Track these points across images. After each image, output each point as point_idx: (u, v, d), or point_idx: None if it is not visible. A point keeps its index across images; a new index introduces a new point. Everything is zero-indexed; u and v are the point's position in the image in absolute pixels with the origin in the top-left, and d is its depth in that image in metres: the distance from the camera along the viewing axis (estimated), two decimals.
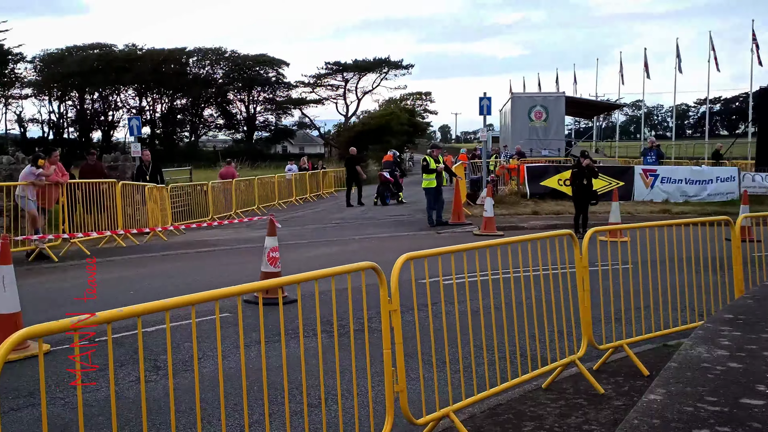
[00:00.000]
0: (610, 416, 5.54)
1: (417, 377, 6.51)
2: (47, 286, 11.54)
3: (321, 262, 13.61)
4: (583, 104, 49.47)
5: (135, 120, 24.08)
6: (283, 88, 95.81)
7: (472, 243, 5.75)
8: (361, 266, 4.69)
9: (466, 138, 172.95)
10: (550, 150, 37.90)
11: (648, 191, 25.45)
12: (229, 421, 5.61)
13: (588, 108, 52.05)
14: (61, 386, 6.56)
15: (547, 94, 42.91)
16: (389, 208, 26.98)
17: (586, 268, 6.46)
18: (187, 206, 23.26)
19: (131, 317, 3.41)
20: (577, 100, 47.92)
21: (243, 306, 4.79)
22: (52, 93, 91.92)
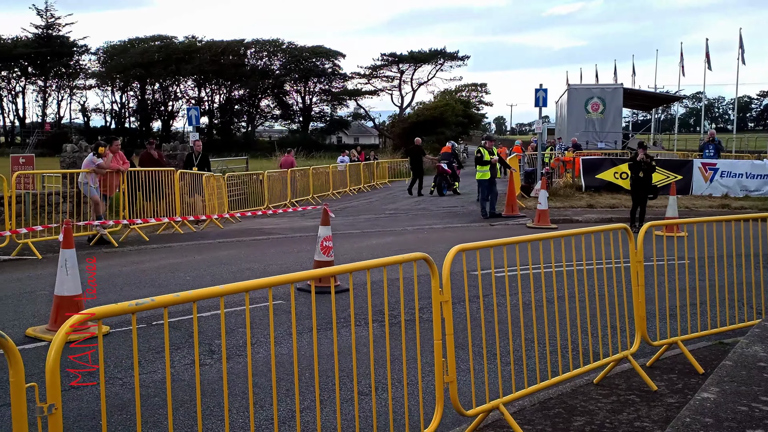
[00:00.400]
0: (663, 414, 5.48)
1: (467, 369, 6.52)
2: (107, 270, 11.82)
3: (373, 252, 13.67)
4: (642, 96, 48.66)
5: (194, 110, 24.46)
6: (339, 79, 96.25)
7: (524, 235, 5.73)
8: (413, 257, 4.72)
9: (521, 130, 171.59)
10: (606, 142, 37.39)
11: (707, 185, 24.95)
12: (280, 406, 5.69)
13: (646, 100, 51.17)
14: (120, 367, 6.74)
15: (605, 86, 42.28)
16: (443, 199, 26.93)
17: (641, 263, 6.38)
18: (243, 195, 23.56)
19: (187, 302, 3.49)
20: (635, 91, 47.17)
21: (296, 294, 4.86)
22: (115, 84, 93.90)
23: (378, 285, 8.44)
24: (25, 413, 2.85)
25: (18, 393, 2.83)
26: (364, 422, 5.35)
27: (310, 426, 5.38)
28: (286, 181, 25.60)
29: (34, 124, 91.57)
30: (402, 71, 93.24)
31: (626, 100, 42.84)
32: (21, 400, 2.84)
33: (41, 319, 8.36)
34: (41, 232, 13.89)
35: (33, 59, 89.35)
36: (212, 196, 19.59)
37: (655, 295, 7.63)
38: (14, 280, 10.95)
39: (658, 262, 6.89)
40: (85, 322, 3.12)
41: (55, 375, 2.90)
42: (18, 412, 2.83)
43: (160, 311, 8.01)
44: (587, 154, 29.02)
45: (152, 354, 7.14)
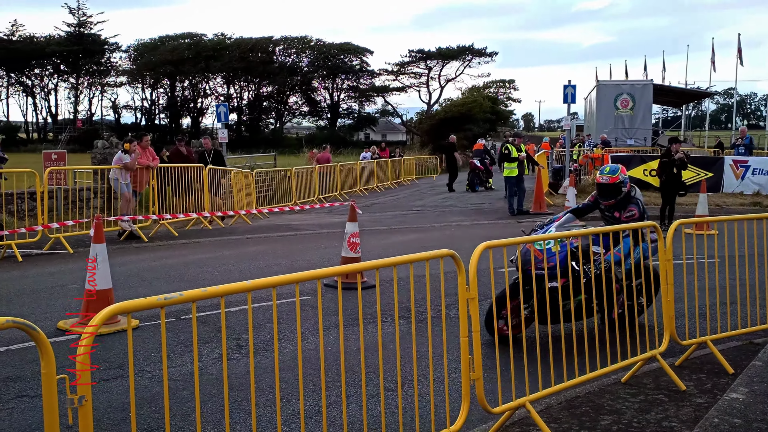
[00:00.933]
0: (691, 414, 5.44)
1: (493, 366, 6.50)
2: (137, 264, 11.94)
3: (400, 248, 13.68)
4: (672, 92, 48.14)
5: (223, 107, 24.60)
6: (367, 75, 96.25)
7: (552, 233, 5.71)
8: (440, 254, 4.72)
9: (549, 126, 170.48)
10: (635, 139, 37.07)
11: (738, 183, 24.63)
12: (307, 401, 5.73)
13: (677, 96, 50.61)
14: (149, 360, 6.81)
15: (635, 82, 41.91)
16: (470, 196, 26.87)
17: (670, 261, 6.33)
18: (270, 191, 23.68)
19: (215, 297, 3.52)
20: (665, 87, 46.68)
21: (323, 289, 4.88)
22: (145, 81, 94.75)
23: (404, 281, 8.44)
24: (56, 404, 2.90)
25: (49, 384, 2.87)
26: (390, 418, 5.36)
27: (337, 421, 5.40)
28: (313, 177, 25.68)
29: (66, 120, 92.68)
30: (430, 68, 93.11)
31: (656, 97, 42.41)
32: (52, 392, 2.88)
33: (72, 312, 8.48)
34: (72, 227, 14.07)
35: (65, 57, 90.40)
36: (240, 192, 19.71)
37: (684, 294, 7.57)
38: (46, 274, 11.10)
39: (688, 261, 6.83)
40: (115, 315, 3.16)
41: (86, 367, 2.94)
42: (49, 403, 2.88)
43: (188, 306, 8.10)
44: (616, 151, 28.78)
45: (181, 348, 7.21)
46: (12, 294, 9.66)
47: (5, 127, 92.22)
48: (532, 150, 31.50)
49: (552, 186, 25.41)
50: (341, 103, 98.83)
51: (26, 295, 9.56)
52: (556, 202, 22.47)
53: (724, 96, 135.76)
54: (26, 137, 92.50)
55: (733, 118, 77.14)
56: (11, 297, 9.47)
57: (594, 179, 26.11)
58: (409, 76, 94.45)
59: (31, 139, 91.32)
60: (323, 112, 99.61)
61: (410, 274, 4.67)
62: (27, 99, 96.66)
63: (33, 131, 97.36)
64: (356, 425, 5.32)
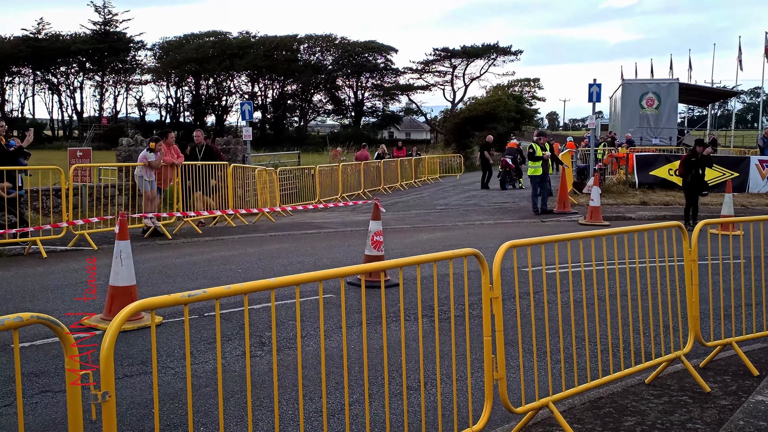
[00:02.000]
0: (716, 416, 5.38)
1: (517, 366, 6.48)
2: (161, 261, 12.01)
3: (423, 247, 13.66)
4: (698, 91, 47.66)
5: (247, 105, 24.68)
6: (391, 74, 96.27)
7: (576, 232, 5.67)
8: (464, 252, 4.70)
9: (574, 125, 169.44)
10: (661, 138, 36.76)
11: (764, 183, 24.36)
12: (329, 399, 5.73)
13: (703, 95, 50.08)
14: (172, 356, 6.84)
15: (660, 81, 41.49)
16: (494, 195, 26.80)
17: (695, 262, 6.27)
18: (294, 189, 23.74)
19: (239, 294, 3.53)
20: (691, 86, 46.23)
21: (346, 288, 4.88)
22: (170, 79, 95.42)
23: (428, 280, 8.42)
24: (80, 400, 2.91)
25: (73, 380, 2.89)
26: (412, 417, 5.35)
27: (359, 419, 5.40)
28: (337, 175, 25.71)
29: (91, 118, 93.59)
30: (454, 66, 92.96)
31: (682, 96, 42.00)
32: (76, 387, 2.90)
33: (96, 309, 8.54)
34: (97, 224, 14.18)
35: (91, 55, 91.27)
36: (264, 190, 19.78)
37: (710, 295, 7.49)
38: (71, 270, 11.19)
39: (713, 261, 6.76)
40: (139, 312, 3.18)
41: (110, 363, 2.95)
42: (73, 399, 2.89)
43: (211, 303, 8.10)
44: (641, 150, 28.56)
45: (204, 345, 7.24)
46: (36, 290, 9.75)
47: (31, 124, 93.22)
48: (557, 149, 31.39)
49: (576, 185, 25.26)
50: (365, 101, 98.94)
51: (50, 291, 9.64)
52: (580, 202, 22.34)
53: (751, 95, 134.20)
54: (52, 134, 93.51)
55: (759, 117, 76.26)
56: (36, 293, 9.56)
57: (619, 178, 25.97)
58: (433, 75, 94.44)
59: (56, 136, 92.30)
60: (347, 110, 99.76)
61: (434, 273, 4.65)
62: (53, 96, 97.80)
63: (58, 129, 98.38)
64: (379, 423, 5.31)
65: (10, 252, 12.66)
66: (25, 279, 10.52)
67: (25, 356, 6.68)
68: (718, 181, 22.34)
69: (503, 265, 4.74)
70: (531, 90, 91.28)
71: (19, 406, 2.93)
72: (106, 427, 2.96)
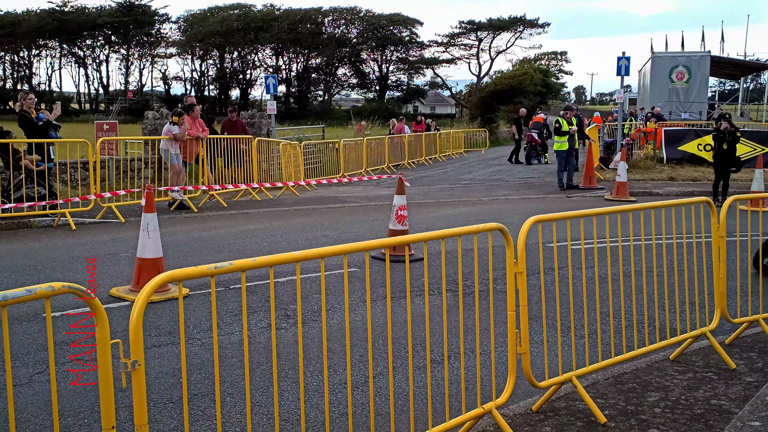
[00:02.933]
0: (741, 392, 5.37)
1: (540, 341, 6.49)
2: (186, 234, 12.12)
3: (448, 221, 13.66)
4: (730, 64, 46.89)
5: (271, 78, 24.67)
6: (416, 47, 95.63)
7: (602, 208, 5.64)
8: (488, 227, 4.70)
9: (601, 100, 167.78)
10: (690, 113, 36.31)
11: None
12: (354, 371, 5.78)
13: (735, 68, 49.29)
14: (198, 328, 6.93)
15: (691, 54, 40.90)
16: (519, 170, 26.68)
17: (723, 238, 6.22)
18: (319, 163, 23.78)
19: (264, 267, 3.55)
20: (723, 59, 45.48)
21: (370, 262, 4.90)
22: (195, 52, 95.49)
23: (452, 255, 8.44)
24: (110, 368, 2.97)
25: (104, 349, 2.94)
26: (435, 390, 5.39)
27: (383, 391, 5.45)
28: (361, 149, 25.70)
29: (117, 91, 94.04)
30: (480, 39, 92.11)
31: (713, 69, 41.41)
32: (106, 356, 2.95)
33: (124, 280, 8.65)
34: (124, 197, 14.32)
35: (116, 28, 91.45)
36: (288, 164, 19.83)
37: (737, 272, 7.45)
38: (99, 242, 11.33)
39: (742, 238, 6.70)
40: (166, 283, 3.22)
41: (138, 333, 3.00)
42: (104, 367, 2.95)
43: (237, 275, 8.21)
44: (670, 125, 28.24)
45: (230, 316, 7.32)
46: (66, 261, 9.89)
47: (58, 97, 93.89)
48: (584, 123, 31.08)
49: (603, 160, 25.06)
50: (390, 75, 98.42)
51: (80, 263, 9.77)
52: (606, 177, 22.18)
53: None
54: (78, 108, 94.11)
55: None
56: (65, 264, 9.70)
57: (646, 153, 25.73)
58: (459, 48, 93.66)
59: (83, 109, 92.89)
60: (372, 84, 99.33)
61: (458, 247, 4.66)
62: (79, 70, 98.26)
63: (85, 102, 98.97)
64: (402, 396, 5.35)
65: (40, 224, 12.82)
66: (55, 250, 10.67)
67: (56, 325, 6.79)
68: (749, 156, 22.05)
69: (528, 240, 4.74)
70: (558, 63, 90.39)
71: (51, 373, 2.99)
72: (136, 395, 3.02)
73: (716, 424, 4.78)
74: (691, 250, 6.38)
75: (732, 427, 4.57)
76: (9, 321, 3.18)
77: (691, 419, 4.88)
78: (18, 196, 12.79)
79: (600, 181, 21.23)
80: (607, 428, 4.74)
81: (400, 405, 5.19)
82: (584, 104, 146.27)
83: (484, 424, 4.75)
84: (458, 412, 4.61)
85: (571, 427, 4.76)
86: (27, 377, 5.67)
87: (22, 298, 2.71)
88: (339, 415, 5.07)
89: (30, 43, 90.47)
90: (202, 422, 4.93)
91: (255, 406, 5.18)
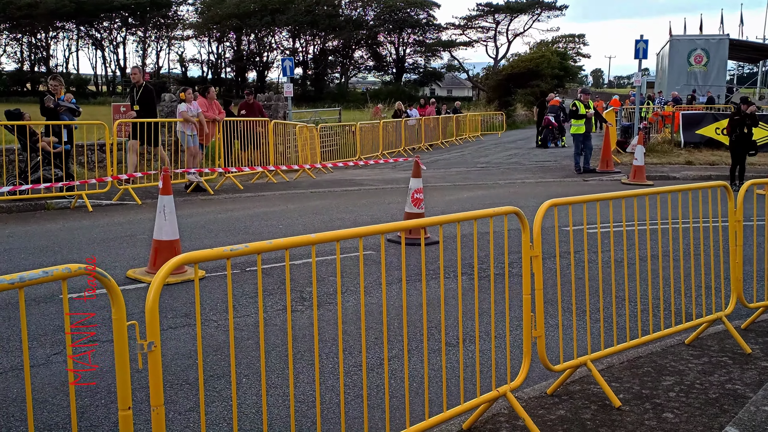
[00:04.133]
0: (756, 377, 5.35)
1: (556, 324, 6.49)
2: (203, 216, 12.17)
3: (464, 205, 13.64)
4: (749, 47, 46.40)
5: (288, 61, 24.67)
6: (433, 30, 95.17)
7: (619, 192, 5.61)
8: (504, 210, 4.69)
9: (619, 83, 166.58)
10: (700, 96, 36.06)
11: None
12: (369, 354, 5.80)
13: (754, 51, 48.73)
14: (214, 310, 6.97)
15: (710, 37, 40.49)
16: (536, 154, 26.60)
17: (740, 222, 6.18)
18: (335, 146, 23.78)
19: (280, 249, 3.56)
20: (742, 42, 45.03)
21: (386, 245, 4.90)
22: (211, 34, 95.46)
23: (468, 238, 8.44)
24: (127, 349, 2.99)
25: (120, 330, 2.97)
26: (450, 373, 5.40)
27: (398, 374, 5.46)
28: (378, 132, 25.67)
29: None
30: (497, 22, 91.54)
31: (732, 52, 40.99)
32: (123, 337, 2.98)
33: (141, 262, 8.71)
34: (141, 179, 14.38)
35: (133, 10, 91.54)
36: (305, 146, 19.84)
37: (754, 256, 7.39)
38: (115, 224, 11.40)
39: (759, 222, 6.65)
40: (182, 265, 3.23)
41: (154, 314, 3.02)
42: (120, 348, 2.97)
43: (253, 257, 8.24)
44: (688, 109, 28.03)
45: (246, 299, 7.35)
46: (83, 243, 9.96)
47: (75, 79, 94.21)
48: (601, 107, 30.90)
49: (620, 144, 24.93)
50: (407, 57, 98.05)
51: (96, 244, 9.84)
52: (623, 161, 22.06)
53: None
54: (96, 90, 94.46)
55: None
56: (82, 245, 9.77)
57: (663, 137, 25.54)
58: (476, 31, 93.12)
59: (100, 91, 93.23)
60: (389, 66, 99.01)
61: (474, 230, 4.65)
62: (96, 52, 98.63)
63: (102, 84, 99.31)
64: (417, 378, 5.37)
65: (57, 205, 12.91)
66: (71, 232, 10.74)
67: (73, 307, 6.85)
68: (766, 141, 21.84)
69: (544, 223, 4.73)
70: (575, 46, 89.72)
71: (68, 354, 3.02)
72: (152, 376, 3.04)
73: (731, 408, 4.77)
74: (707, 234, 6.35)
75: (746, 412, 4.56)
76: (26, 302, 3.21)
77: (705, 403, 4.87)
78: (35, 177, 12.88)
79: (617, 164, 21.13)
80: (622, 412, 4.74)
81: (415, 387, 5.20)
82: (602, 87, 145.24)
83: (498, 407, 4.76)
84: (473, 395, 4.62)
85: (586, 411, 4.76)
86: (44, 358, 5.72)
87: (38, 279, 2.73)
88: (354, 396, 5.10)
89: (47, 25, 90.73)
90: (218, 403, 4.97)
91: (270, 388, 5.22)
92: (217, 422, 4.71)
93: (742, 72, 72.70)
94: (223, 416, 4.79)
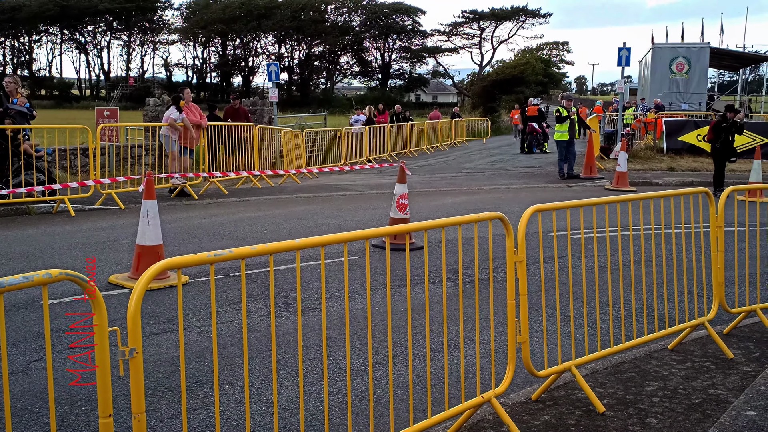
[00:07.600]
0: (738, 382, 5.37)
1: (540, 330, 6.49)
2: (187, 221, 12.11)
3: (449, 210, 13.65)
4: (729, 56, 46.76)
5: (274, 66, 24.65)
6: (419, 36, 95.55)
7: (602, 197, 5.63)
8: (488, 216, 4.69)
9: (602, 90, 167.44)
10: (690, 104, 36.30)
11: None
12: (353, 360, 5.78)
13: (734, 60, 49.14)
14: (198, 315, 6.93)
15: (691, 45, 40.74)
16: (521, 159, 26.68)
17: (721, 228, 6.21)
18: (320, 151, 23.75)
19: (264, 255, 3.54)
20: (722, 51, 45.35)
21: (371, 250, 4.89)
22: (197, 39, 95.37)
23: (453, 243, 8.43)
24: (108, 355, 2.96)
25: (102, 336, 2.94)
26: (435, 379, 5.39)
27: (382, 380, 5.45)
28: (363, 138, 25.67)
29: (118, 78, 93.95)
30: (482, 29, 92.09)
31: (713, 60, 41.29)
32: (104, 343, 2.95)
33: (123, 267, 8.65)
34: (124, 183, 14.29)
35: (118, 14, 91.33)
36: (290, 151, 19.81)
37: (735, 261, 7.43)
38: (98, 229, 11.32)
39: (740, 228, 6.69)
40: (165, 271, 3.20)
41: (137, 320, 2.99)
42: (101, 354, 2.94)
43: (237, 263, 8.19)
44: (670, 116, 28.20)
45: (229, 304, 7.31)
46: (65, 248, 9.88)
47: (59, 83, 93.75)
48: (585, 113, 31.06)
49: (603, 150, 25.05)
50: (392, 63, 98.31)
51: (79, 249, 9.77)
52: (607, 167, 22.16)
53: None
54: (79, 94, 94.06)
55: None
56: (64, 250, 9.69)
57: (646, 144, 25.70)
58: (461, 37, 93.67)
59: (84, 95, 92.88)
60: (374, 72, 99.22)
61: (458, 236, 4.65)
62: (80, 56, 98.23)
63: (86, 88, 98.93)
64: (402, 384, 5.36)
65: (39, 210, 12.81)
66: (53, 237, 10.66)
67: (54, 312, 6.79)
68: (747, 147, 21.99)
69: (528, 229, 4.73)
70: (559, 53, 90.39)
71: (48, 361, 2.99)
72: (134, 383, 3.01)
73: (713, 413, 4.78)
74: (690, 240, 6.38)
75: (728, 416, 4.58)
76: (6, 308, 3.17)
77: (688, 408, 4.88)
78: (17, 182, 12.76)
79: (600, 170, 21.22)
80: (606, 417, 4.74)
81: (400, 393, 5.19)
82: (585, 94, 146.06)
83: (483, 413, 4.75)
84: (457, 401, 4.61)
85: (570, 416, 4.76)
86: (24, 365, 5.67)
87: (18, 285, 2.69)
88: (338, 403, 5.08)
89: (30, 28, 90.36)
90: (200, 410, 4.94)
91: (254, 395, 5.19)
92: (199, 429, 4.68)
93: (722, 80, 73.29)
94: (206, 423, 4.75)
